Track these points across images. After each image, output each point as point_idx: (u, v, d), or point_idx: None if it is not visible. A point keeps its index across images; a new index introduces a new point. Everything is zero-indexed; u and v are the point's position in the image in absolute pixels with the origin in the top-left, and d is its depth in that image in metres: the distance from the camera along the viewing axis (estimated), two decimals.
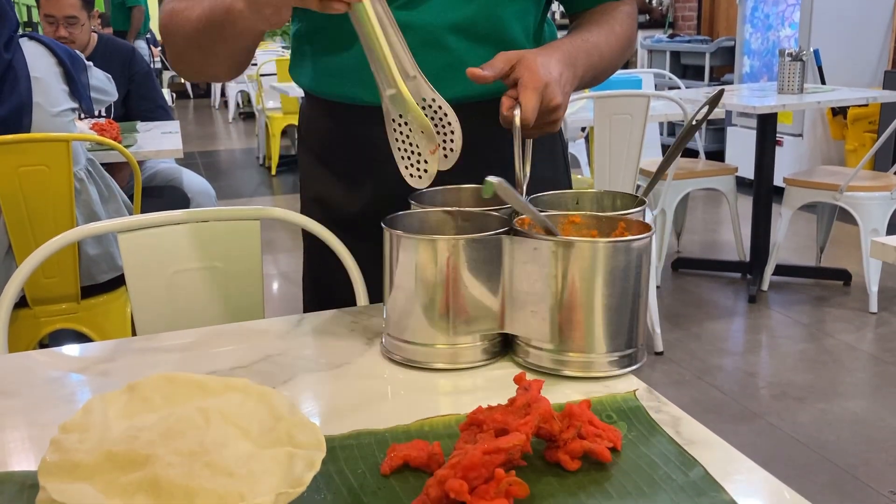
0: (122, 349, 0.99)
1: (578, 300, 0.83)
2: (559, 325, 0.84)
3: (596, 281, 0.82)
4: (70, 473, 0.61)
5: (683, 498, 0.65)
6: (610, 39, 1.10)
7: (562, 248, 0.82)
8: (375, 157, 1.08)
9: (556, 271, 0.83)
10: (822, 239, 4.01)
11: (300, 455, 0.64)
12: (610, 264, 0.82)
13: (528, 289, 0.85)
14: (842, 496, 2.23)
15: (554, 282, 0.83)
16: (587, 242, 0.83)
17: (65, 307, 2.31)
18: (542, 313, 0.84)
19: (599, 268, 0.82)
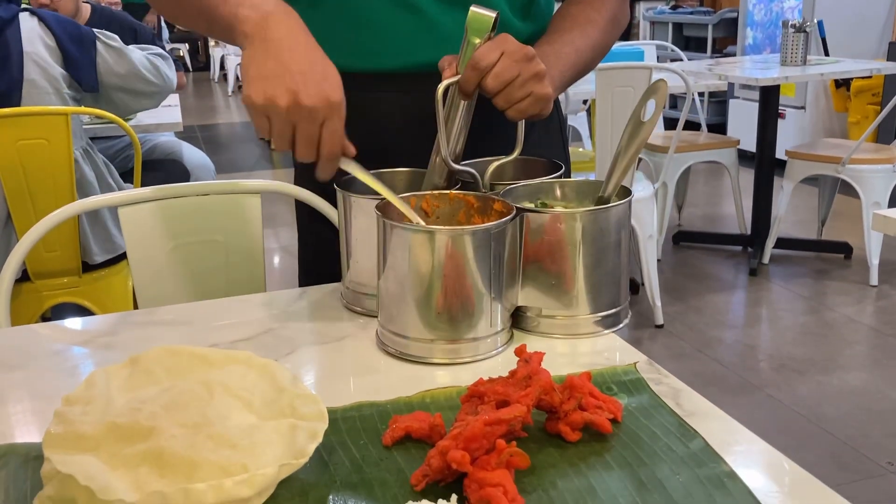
0: (124, 322, 1.00)
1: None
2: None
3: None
4: (74, 445, 0.62)
5: (684, 469, 0.65)
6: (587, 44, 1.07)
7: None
8: (358, 124, 1.07)
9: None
10: (824, 212, 4.00)
11: (302, 426, 0.65)
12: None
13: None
14: (840, 467, 2.25)
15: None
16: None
17: (66, 281, 2.31)
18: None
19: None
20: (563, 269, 0.87)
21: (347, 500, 0.62)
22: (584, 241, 0.86)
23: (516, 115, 0.91)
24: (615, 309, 0.91)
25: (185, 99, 9.02)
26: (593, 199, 0.96)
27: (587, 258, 0.87)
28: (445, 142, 0.92)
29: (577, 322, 0.89)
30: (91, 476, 0.58)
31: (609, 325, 0.91)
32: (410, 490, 0.63)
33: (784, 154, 3.72)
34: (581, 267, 0.87)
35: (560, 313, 0.89)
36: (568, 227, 0.86)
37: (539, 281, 0.88)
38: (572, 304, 0.89)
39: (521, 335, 0.90)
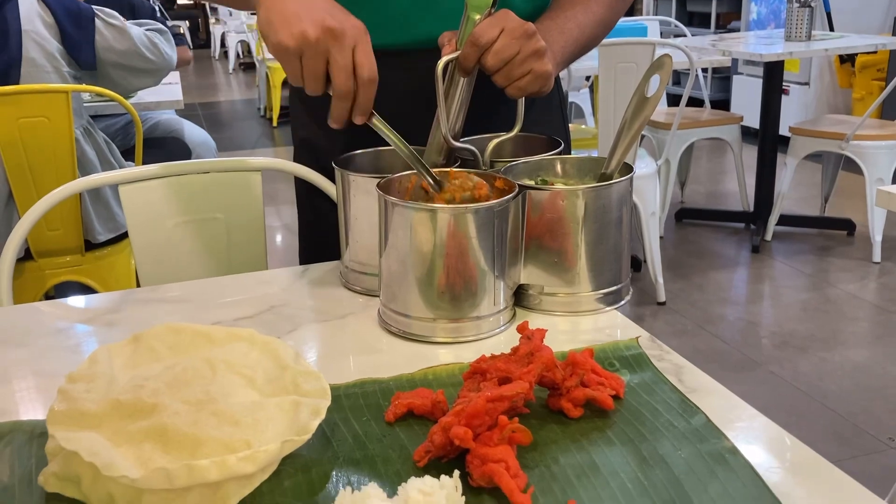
0: (127, 300, 1.00)
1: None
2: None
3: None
4: (78, 422, 0.62)
5: (685, 444, 0.65)
6: (590, 19, 1.06)
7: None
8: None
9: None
10: (827, 188, 3.99)
11: (305, 403, 0.65)
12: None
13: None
14: (841, 443, 2.26)
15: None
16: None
17: (69, 259, 2.31)
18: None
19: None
20: (564, 247, 0.87)
21: (350, 476, 0.62)
22: (586, 218, 0.86)
23: (516, 93, 0.91)
24: (617, 286, 0.91)
25: (186, 77, 8.98)
26: (594, 176, 0.96)
27: (589, 235, 0.87)
28: (445, 119, 0.92)
29: (578, 299, 0.89)
30: (95, 452, 0.58)
31: (610, 303, 0.91)
32: (413, 466, 0.63)
33: (788, 131, 3.70)
34: (583, 244, 0.87)
35: (562, 291, 0.89)
36: (570, 204, 0.86)
37: (541, 258, 0.88)
38: (574, 281, 0.88)
39: (523, 313, 0.90)
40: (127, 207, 1.20)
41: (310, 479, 0.62)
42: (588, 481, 0.61)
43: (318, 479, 0.62)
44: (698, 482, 0.61)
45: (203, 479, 0.57)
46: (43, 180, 2.15)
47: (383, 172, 1.01)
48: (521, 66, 0.89)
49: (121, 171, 1.19)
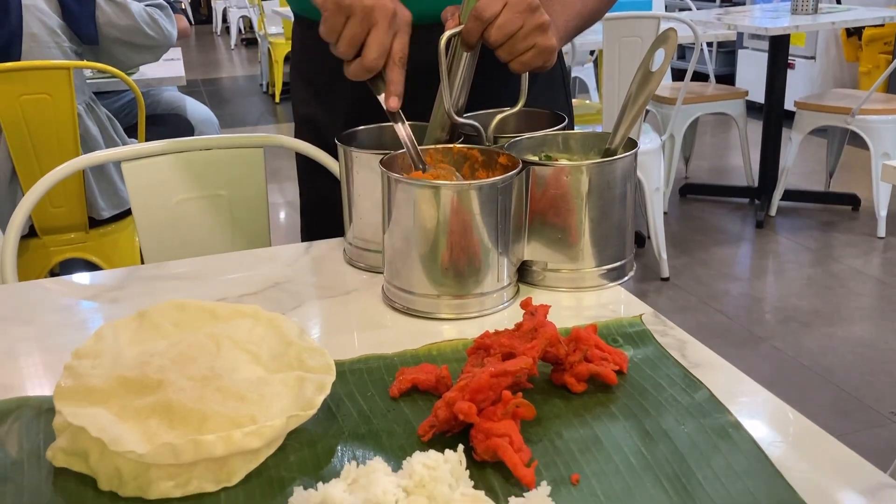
0: (131, 277, 1.00)
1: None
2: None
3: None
4: (85, 398, 0.62)
5: (689, 419, 0.65)
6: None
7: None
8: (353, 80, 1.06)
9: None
10: (832, 163, 3.97)
11: (310, 379, 0.65)
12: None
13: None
14: (843, 416, 2.27)
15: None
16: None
17: (73, 237, 2.32)
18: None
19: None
20: (568, 223, 0.87)
21: (356, 451, 0.63)
22: (590, 194, 0.86)
23: (519, 68, 0.90)
24: (620, 262, 0.91)
25: (188, 53, 8.93)
26: (598, 152, 0.95)
27: (593, 211, 0.87)
28: (448, 94, 0.91)
29: (582, 275, 0.89)
30: (102, 428, 0.58)
31: (614, 278, 0.91)
32: (417, 440, 0.64)
33: (793, 105, 3.68)
34: (587, 220, 0.87)
35: (565, 267, 0.89)
36: (574, 180, 0.86)
37: (545, 235, 0.88)
38: (578, 257, 0.88)
39: (527, 289, 0.90)
40: (130, 184, 1.20)
41: (315, 453, 0.63)
42: (591, 455, 0.62)
43: (323, 454, 0.63)
44: (701, 456, 0.61)
45: (209, 454, 0.58)
46: (46, 158, 2.15)
47: (386, 148, 1.00)
48: (524, 40, 0.88)
49: (124, 149, 1.18)
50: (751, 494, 0.57)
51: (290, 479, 0.60)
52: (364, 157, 0.93)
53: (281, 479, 0.60)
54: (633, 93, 0.85)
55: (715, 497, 0.57)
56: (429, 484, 0.54)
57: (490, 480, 0.59)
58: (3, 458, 0.63)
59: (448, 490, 0.53)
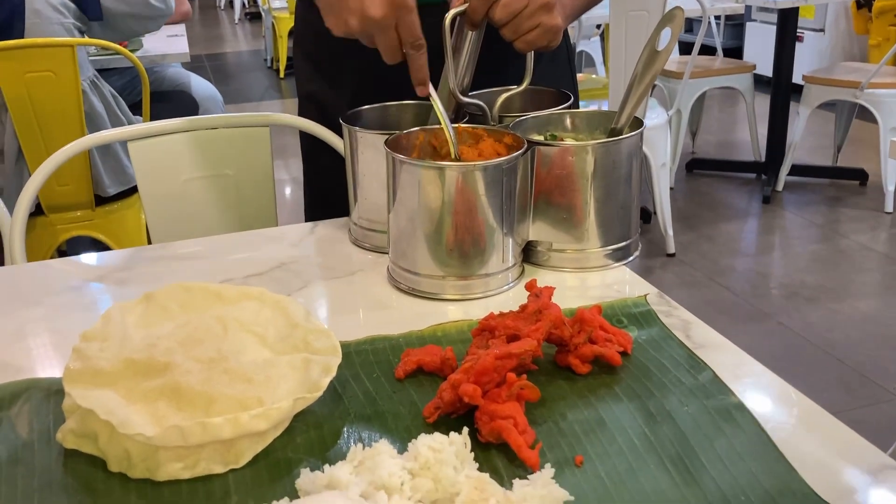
0: (138, 257, 1.01)
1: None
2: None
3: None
4: (93, 380, 0.63)
5: (692, 400, 0.66)
6: None
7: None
8: (356, 56, 1.05)
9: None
10: (840, 138, 3.94)
11: (316, 361, 0.66)
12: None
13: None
14: (848, 392, 2.28)
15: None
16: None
17: (80, 214, 2.33)
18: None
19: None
20: (573, 203, 0.87)
21: (361, 432, 0.63)
22: (596, 174, 0.86)
23: (524, 47, 0.90)
24: (625, 242, 0.91)
25: (191, 28, 8.88)
26: (604, 130, 0.95)
27: (598, 191, 0.86)
28: (453, 73, 0.91)
29: (587, 255, 0.89)
30: (111, 410, 0.59)
31: (619, 258, 0.91)
32: (423, 422, 0.64)
33: (801, 79, 3.65)
34: (592, 200, 0.87)
35: (570, 247, 0.89)
36: (579, 160, 0.85)
37: (549, 215, 0.88)
38: (583, 237, 0.88)
39: (532, 269, 0.90)
40: (137, 164, 1.20)
41: (321, 434, 0.63)
42: (595, 437, 0.62)
43: (329, 435, 0.63)
44: (704, 438, 0.61)
45: (217, 436, 0.58)
46: (51, 136, 2.15)
47: (391, 128, 1.01)
48: (529, 19, 0.88)
49: (130, 128, 1.18)
50: (753, 476, 0.57)
51: (297, 460, 0.61)
52: (369, 137, 0.92)
53: (288, 461, 0.61)
54: (640, 72, 0.85)
55: (717, 478, 0.57)
56: (434, 466, 0.54)
57: (494, 462, 0.59)
58: (14, 439, 0.64)
59: (453, 472, 0.54)
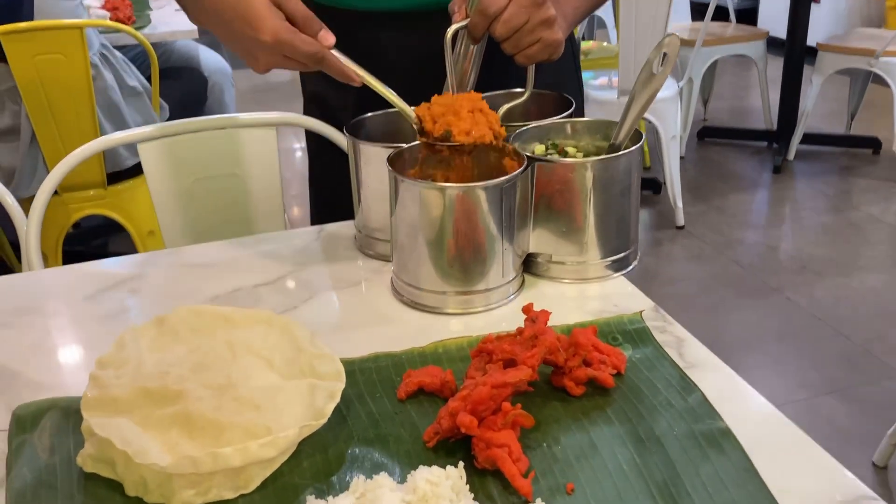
0: (150, 263, 1.04)
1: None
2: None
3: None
4: (110, 408, 0.66)
5: (681, 424, 0.69)
6: None
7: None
8: (364, 64, 1.06)
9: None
10: (854, 105, 3.91)
11: (321, 387, 0.69)
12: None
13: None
14: (853, 369, 2.30)
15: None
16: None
17: (92, 193, 2.36)
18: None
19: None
20: (573, 216, 0.89)
21: (365, 457, 0.67)
22: (595, 189, 0.88)
23: (525, 61, 0.91)
24: (624, 253, 0.93)
25: None
26: (604, 137, 0.97)
27: (598, 206, 0.88)
28: (454, 86, 0.92)
29: (586, 267, 0.92)
30: (127, 440, 0.62)
31: (618, 269, 0.93)
32: (423, 446, 0.67)
33: (816, 43, 3.60)
34: (591, 214, 0.89)
35: (570, 259, 0.91)
36: (578, 176, 0.87)
37: (549, 228, 0.90)
38: (582, 249, 0.91)
39: (532, 279, 0.93)
40: (146, 164, 1.22)
41: (326, 458, 0.67)
42: (586, 462, 0.65)
43: (334, 459, 0.67)
44: (690, 464, 0.64)
45: (227, 465, 0.62)
46: (62, 118, 2.17)
47: (394, 135, 1.02)
48: (530, 34, 0.89)
49: (138, 131, 1.21)
50: None
51: (304, 485, 0.64)
52: (372, 149, 0.94)
53: (295, 486, 0.64)
54: (637, 91, 0.86)
55: None
56: (431, 499, 0.57)
57: (489, 489, 0.63)
58: (37, 461, 0.67)
59: None
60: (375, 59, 1.08)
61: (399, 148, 0.90)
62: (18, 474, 0.66)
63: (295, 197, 3.94)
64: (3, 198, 1.21)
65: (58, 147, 2.20)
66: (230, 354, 0.71)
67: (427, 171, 0.92)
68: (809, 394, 2.18)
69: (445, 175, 0.93)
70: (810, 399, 2.16)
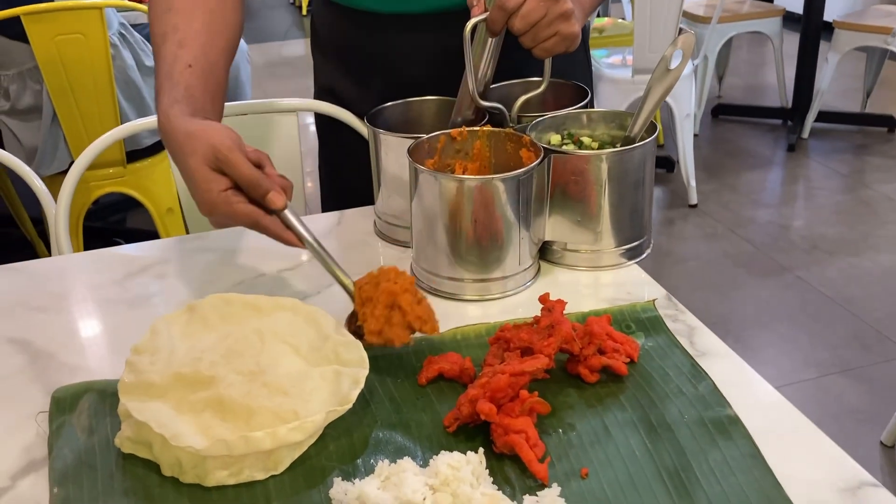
0: (177, 249, 1.07)
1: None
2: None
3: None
4: (146, 392, 0.70)
5: (691, 411, 0.71)
6: None
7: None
8: (384, 60, 1.09)
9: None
10: (870, 83, 3.88)
11: (346, 373, 0.72)
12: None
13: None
14: (863, 349, 2.32)
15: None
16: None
17: (112, 171, 2.39)
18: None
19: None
20: (588, 207, 0.91)
21: (388, 441, 0.70)
22: (610, 180, 0.90)
23: (542, 54, 0.93)
24: (637, 241, 0.95)
25: None
26: (618, 126, 0.98)
27: (612, 196, 0.91)
28: (473, 79, 0.94)
29: (600, 255, 0.94)
30: (163, 424, 0.66)
31: (631, 257, 0.95)
32: (443, 430, 0.70)
33: (833, 18, 3.58)
34: (606, 204, 0.91)
35: (584, 247, 0.94)
36: (594, 167, 0.89)
37: (565, 217, 0.92)
38: (597, 238, 0.93)
39: (547, 267, 0.95)
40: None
41: (351, 441, 0.70)
42: (600, 448, 0.68)
43: (359, 443, 0.70)
44: (700, 450, 0.67)
45: (258, 447, 0.65)
46: (82, 97, 2.20)
47: (413, 123, 1.05)
48: (547, 28, 0.90)
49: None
50: (742, 490, 0.63)
51: (330, 467, 0.67)
52: (392, 139, 0.97)
53: (322, 468, 0.67)
54: (653, 86, 0.88)
55: (709, 492, 0.63)
56: (452, 483, 0.61)
57: (507, 473, 0.66)
58: (78, 443, 0.71)
59: (469, 489, 0.60)
60: (395, 60, 1.10)
61: (418, 138, 0.93)
62: (59, 454, 0.69)
63: (309, 173, 3.96)
64: (31, 181, 1.25)
65: (78, 126, 2.23)
66: (259, 341, 0.74)
67: (445, 161, 0.95)
68: (819, 373, 2.20)
69: (464, 164, 0.96)
70: (820, 378, 2.18)
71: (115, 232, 3.16)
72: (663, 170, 3.44)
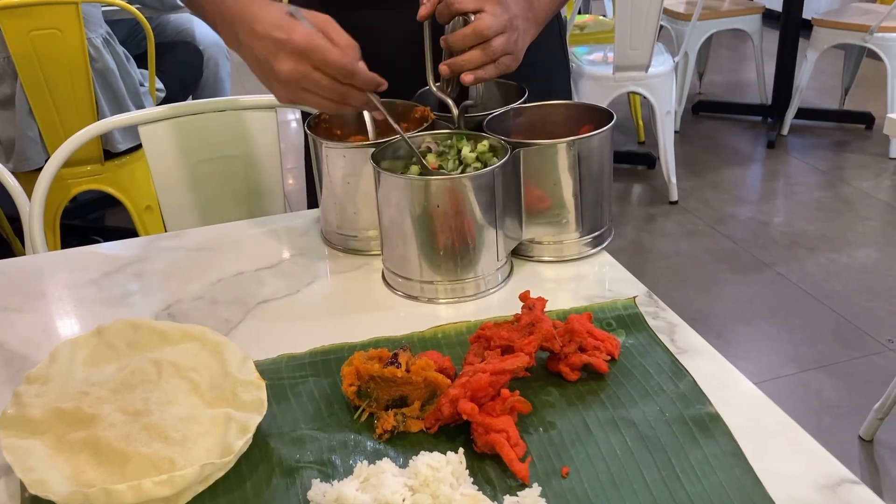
0: (153, 247, 1.05)
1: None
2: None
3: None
4: (25, 428, 0.67)
5: (672, 409, 0.71)
6: None
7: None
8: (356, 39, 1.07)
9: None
10: (848, 80, 3.92)
11: (236, 419, 0.67)
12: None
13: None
14: (841, 344, 2.34)
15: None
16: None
17: (90, 169, 2.37)
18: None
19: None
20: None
21: (366, 442, 0.69)
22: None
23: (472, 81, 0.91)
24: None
25: None
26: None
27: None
28: (430, 65, 0.95)
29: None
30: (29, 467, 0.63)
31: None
32: (424, 431, 0.70)
33: (812, 14, 3.60)
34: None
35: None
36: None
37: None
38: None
39: (517, 262, 0.95)
40: (147, 146, 1.23)
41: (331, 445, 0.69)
42: (581, 446, 0.68)
43: (339, 447, 0.69)
44: (680, 448, 0.67)
45: (120, 502, 0.60)
46: (59, 93, 2.17)
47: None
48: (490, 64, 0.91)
49: (139, 113, 1.22)
50: (722, 488, 0.63)
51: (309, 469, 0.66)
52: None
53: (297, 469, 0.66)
54: None
55: (690, 490, 0.63)
56: (432, 483, 0.60)
57: (488, 473, 0.65)
58: None
59: (449, 490, 0.60)
60: (365, 37, 1.09)
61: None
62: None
63: (290, 170, 3.94)
64: (4, 178, 1.23)
65: (54, 121, 2.20)
66: (156, 374, 0.70)
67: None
68: (799, 368, 2.22)
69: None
70: (799, 373, 2.20)
71: (94, 230, 3.13)
72: (644, 166, 3.46)
